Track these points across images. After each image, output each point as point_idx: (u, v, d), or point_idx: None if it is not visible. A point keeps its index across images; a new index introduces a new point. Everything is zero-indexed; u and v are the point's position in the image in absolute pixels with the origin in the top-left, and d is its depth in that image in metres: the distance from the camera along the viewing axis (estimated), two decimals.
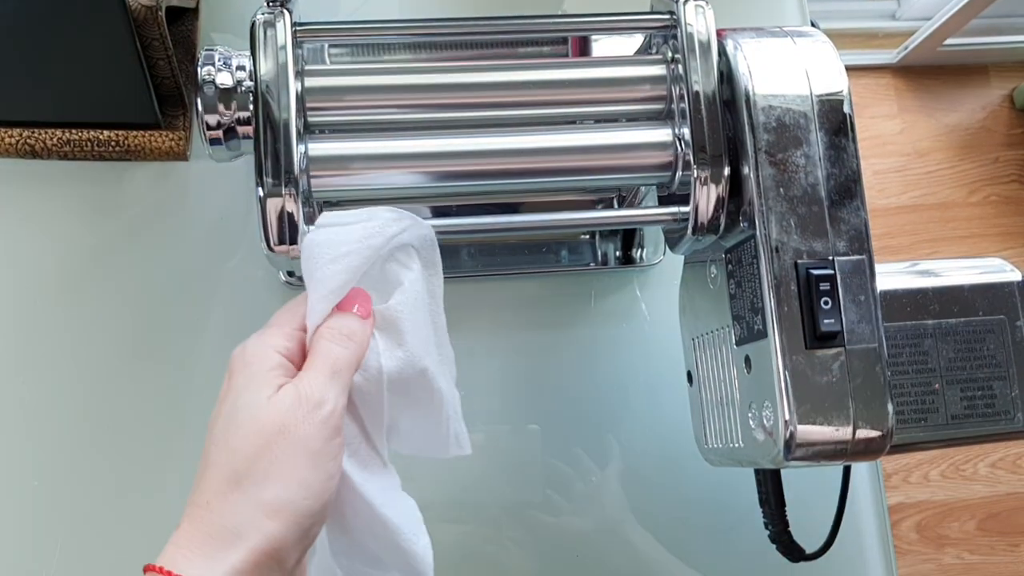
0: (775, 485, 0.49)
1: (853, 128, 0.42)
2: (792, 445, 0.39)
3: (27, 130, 0.55)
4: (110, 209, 0.57)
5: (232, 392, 0.36)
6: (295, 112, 0.40)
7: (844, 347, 0.40)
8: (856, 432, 0.39)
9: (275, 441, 0.34)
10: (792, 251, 0.40)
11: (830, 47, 0.43)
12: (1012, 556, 1.50)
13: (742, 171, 0.42)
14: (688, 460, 0.55)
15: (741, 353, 0.43)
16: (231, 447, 0.34)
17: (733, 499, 0.57)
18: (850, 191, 0.41)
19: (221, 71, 0.40)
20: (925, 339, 0.46)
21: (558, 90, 0.44)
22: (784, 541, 0.50)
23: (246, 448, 0.34)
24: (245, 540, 0.33)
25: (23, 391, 0.55)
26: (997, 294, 0.47)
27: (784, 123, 0.41)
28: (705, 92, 0.42)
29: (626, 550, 0.57)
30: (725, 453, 0.47)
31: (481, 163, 0.43)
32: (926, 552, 1.48)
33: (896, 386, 0.45)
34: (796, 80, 0.42)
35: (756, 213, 0.41)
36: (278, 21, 0.41)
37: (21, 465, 0.53)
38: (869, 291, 0.40)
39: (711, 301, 0.47)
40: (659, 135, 0.43)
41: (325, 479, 0.35)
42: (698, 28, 0.42)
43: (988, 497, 1.52)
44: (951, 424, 0.45)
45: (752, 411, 0.42)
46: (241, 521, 0.33)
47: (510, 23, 0.46)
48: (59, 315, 0.56)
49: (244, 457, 0.34)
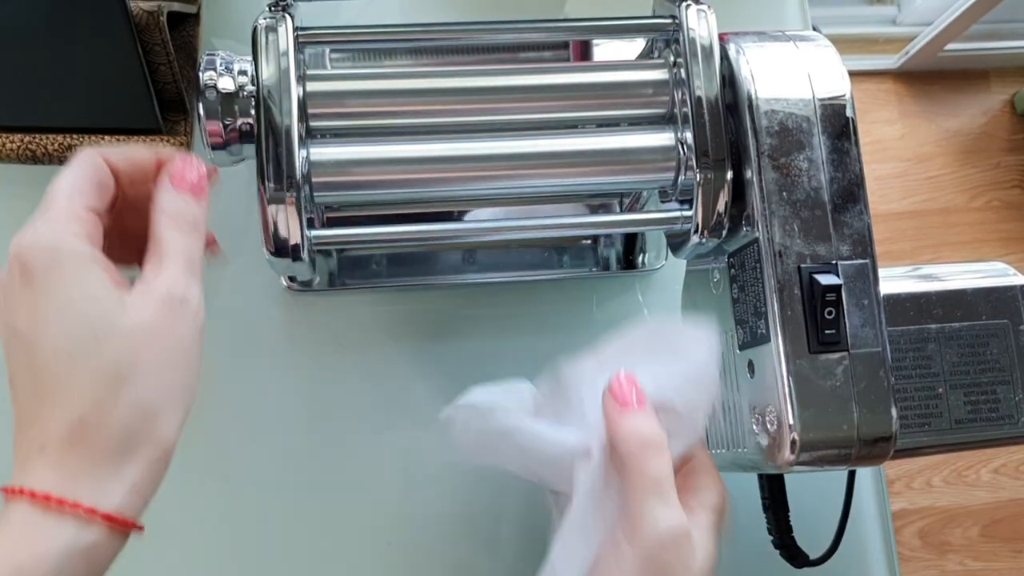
0: (778, 490, 0.49)
1: (856, 132, 0.42)
2: (796, 450, 0.39)
3: (28, 135, 0.55)
4: None
5: (49, 295, 0.31)
6: (297, 117, 0.40)
7: (848, 351, 0.40)
8: (860, 437, 0.39)
9: (149, 346, 0.32)
10: (795, 255, 0.40)
11: (832, 51, 0.43)
12: (1015, 562, 1.49)
13: (745, 175, 0.42)
14: None
15: (744, 358, 0.43)
16: (94, 360, 0.31)
17: (736, 504, 0.57)
18: (853, 195, 0.41)
19: (223, 76, 0.40)
20: (928, 343, 0.45)
21: (560, 94, 0.44)
22: (788, 547, 0.49)
23: (114, 358, 0.31)
24: (136, 452, 0.31)
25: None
26: (1000, 298, 0.47)
27: (787, 127, 0.41)
28: (708, 96, 0.42)
29: None
30: (728, 458, 0.47)
31: (483, 168, 0.43)
32: (929, 558, 1.48)
33: (899, 390, 0.45)
34: (799, 84, 0.42)
35: (759, 217, 0.41)
36: (280, 26, 0.41)
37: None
38: (872, 295, 0.40)
39: (714, 305, 0.46)
40: (661, 139, 0.43)
41: (197, 374, 0.34)
42: (700, 32, 0.42)
43: (991, 503, 1.52)
44: (955, 428, 0.45)
45: (755, 416, 0.42)
46: (129, 434, 0.31)
47: (511, 27, 0.46)
48: None
49: (114, 368, 0.31)
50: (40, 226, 0.33)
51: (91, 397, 0.31)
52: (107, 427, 0.31)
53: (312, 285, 0.56)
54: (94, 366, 0.31)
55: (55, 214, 0.33)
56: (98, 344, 0.31)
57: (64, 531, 0.29)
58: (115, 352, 0.31)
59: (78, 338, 0.31)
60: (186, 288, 0.34)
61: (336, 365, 0.57)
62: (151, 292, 0.33)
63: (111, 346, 0.31)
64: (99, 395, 0.31)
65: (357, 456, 0.56)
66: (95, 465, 0.30)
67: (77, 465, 0.30)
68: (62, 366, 0.31)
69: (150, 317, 0.32)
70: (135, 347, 0.32)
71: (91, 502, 0.30)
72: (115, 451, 0.31)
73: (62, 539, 0.29)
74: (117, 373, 0.31)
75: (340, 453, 0.56)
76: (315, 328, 0.57)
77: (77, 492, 0.30)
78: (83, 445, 0.30)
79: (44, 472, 0.30)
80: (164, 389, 0.32)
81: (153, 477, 0.32)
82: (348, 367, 0.57)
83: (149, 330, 0.32)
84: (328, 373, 0.57)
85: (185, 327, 0.33)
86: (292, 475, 0.56)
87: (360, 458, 0.56)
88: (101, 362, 0.31)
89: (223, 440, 0.55)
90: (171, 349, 0.33)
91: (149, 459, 0.32)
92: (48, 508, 0.29)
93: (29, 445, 0.31)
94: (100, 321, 0.31)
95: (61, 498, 0.29)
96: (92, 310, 0.32)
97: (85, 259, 0.33)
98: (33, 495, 0.29)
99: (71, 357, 0.31)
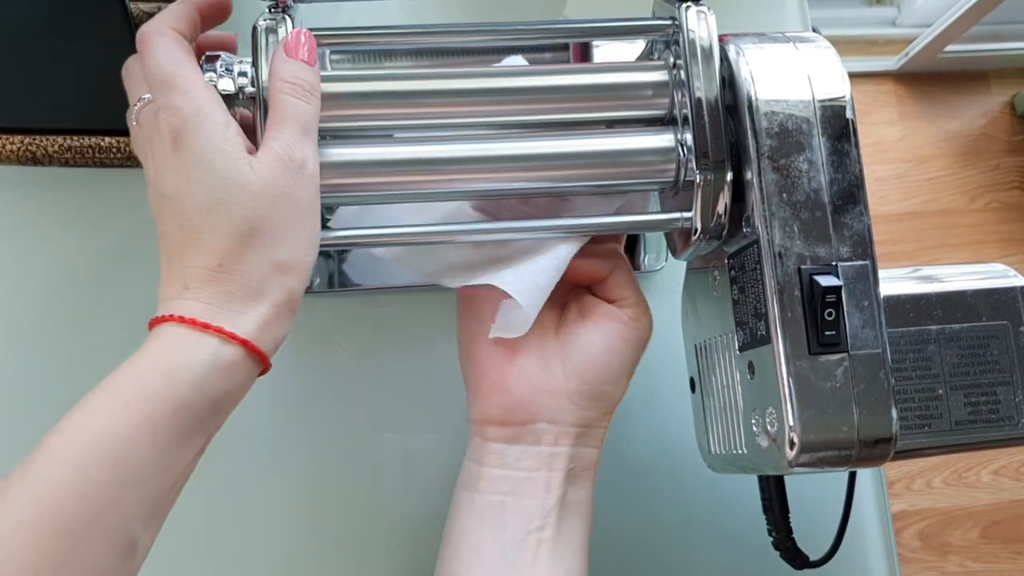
0: (779, 492, 0.49)
1: (856, 133, 0.42)
2: (796, 451, 0.39)
3: (28, 137, 0.55)
4: (112, 216, 0.57)
5: (187, 157, 0.36)
6: None
7: (848, 353, 0.39)
8: (860, 438, 0.39)
9: (276, 204, 0.36)
10: (795, 256, 0.40)
11: (832, 52, 0.43)
12: (1015, 564, 1.49)
13: (745, 176, 0.42)
14: (691, 467, 0.55)
15: (744, 359, 0.43)
16: (229, 214, 0.36)
17: (736, 506, 0.57)
18: (853, 196, 0.41)
19: (223, 77, 0.40)
20: (928, 345, 0.45)
21: (559, 96, 0.44)
22: (788, 548, 0.49)
23: (246, 214, 0.36)
24: (267, 295, 0.36)
25: (24, 397, 0.55)
26: (1000, 299, 0.47)
27: (787, 128, 0.41)
28: (707, 97, 0.42)
29: (628, 557, 0.57)
30: (728, 460, 0.47)
31: (483, 169, 0.43)
32: (929, 560, 1.48)
33: (900, 392, 0.44)
34: (798, 85, 0.42)
35: (759, 218, 0.41)
36: (280, 27, 0.41)
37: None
38: (873, 296, 0.40)
39: (714, 307, 0.46)
40: (661, 141, 0.43)
41: (318, 231, 0.38)
42: (700, 33, 0.42)
43: (991, 505, 1.52)
44: (955, 430, 0.45)
45: (755, 417, 0.42)
46: (260, 279, 0.36)
47: (512, 29, 0.46)
48: (60, 322, 0.56)
49: (247, 222, 0.36)
50: (178, 99, 0.37)
51: (226, 247, 0.36)
52: (240, 273, 0.36)
53: (312, 287, 0.56)
54: (227, 221, 0.36)
55: (188, 85, 0.37)
56: (231, 200, 0.36)
57: (208, 346, 0.34)
58: (244, 208, 0.36)
59: (215, 195, 0.36)
60: (303, 151, 0.38)
61: (335, 366, 0.57)
62: (270, 155, 0.37)
63: (241, 203, 0.36)
64: (232, 245, 0.36)
65: (357, 458, 0.56)
66: (230, 302, 0.35)
67: (216, 301, 0.35)
68: (204, 220, 0.36)
69: (271, 177, 0.36)
70: (261, 204, 0.36)
71: (230, 328, 0.35)
72: (247, 293, 0.36)
73: (207, 352, 0.34)
74: (247, 227, 0.36)
75: (340, 455, 0.56)
76: (315, 329, 0.57)
77: (217, 320, 0.35)
78: (221, 284, 0.35)
79: (188, 304, 0.35)
80: (287, 242, 0.37)
81: (280, 319, 0.37)
82: (348, 368, 0.57)
83: (271, 189, 0.36)
84: (328, 374, 0.57)
85: (303, 188, 0.37)
86: (291, 476, 0.56)
87: (360, 460, 0.56)
88: (233, 218, 0.36)
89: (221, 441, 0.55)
90: (292, 207, 0.37)
91: (277, 302, 0.37)
92: (195, 327, 0.35)
93: (174, 286, 0.36)
94: (233, 180, 0.36)
95: (206, 322, 0.35)
96: (228, 171, 0.36)
97: (222, 124, 0.37)
98: (182, 319, 0.35)
99: (211, 212, 0.36)
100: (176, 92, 0.37)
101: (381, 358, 0.57)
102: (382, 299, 0.58)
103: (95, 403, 0.33)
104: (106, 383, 0.34)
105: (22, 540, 0.30)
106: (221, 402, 0.36)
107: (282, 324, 0.37)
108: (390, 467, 0.56)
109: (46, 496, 0.31)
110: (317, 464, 0.56)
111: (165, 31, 0.39)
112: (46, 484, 0.31)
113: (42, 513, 0.31)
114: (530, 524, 0.43)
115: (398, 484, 0.56)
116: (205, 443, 0.36)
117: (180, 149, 0.36)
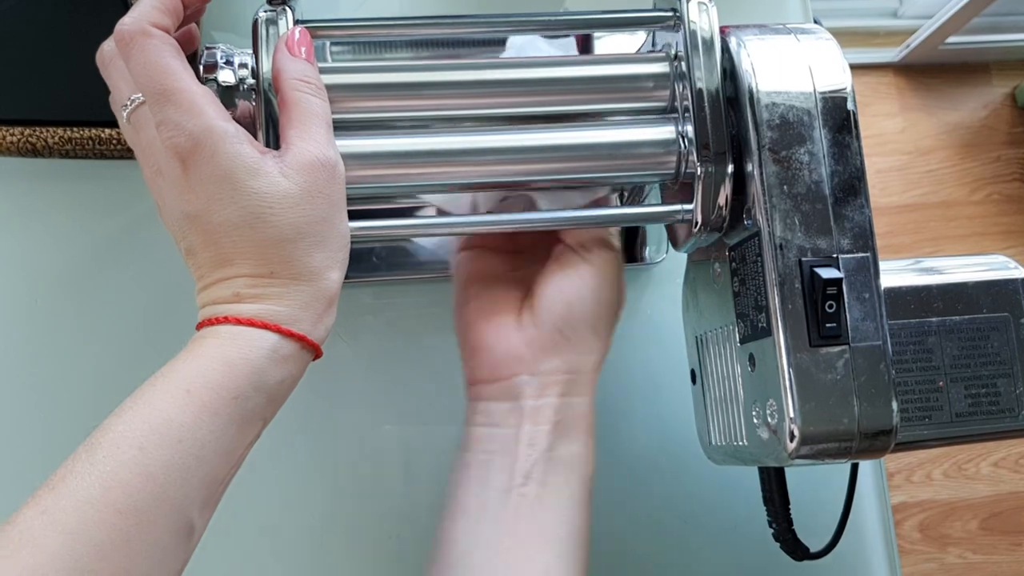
0: (779, 483, 0.49)
1: (857, 125, 0.41)
2: (796, 443, 0.39)
3: (28, 128, 0.55)
4: (112, 207, 0.57)
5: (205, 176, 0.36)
6: None
7: (848, 345, 0.40)
8: (861, 430, 0.39)
9: (315, 206, 0.37)
10: (796, 248, 0.40)
11: (833, 44, 0.43)
12: (1014, 555, 1.50)
13: (746, 168, 0.42)
14: (691, 459, 0.55)
15: (745, 351, 0.43)
16: (273, 225, 0.36)
17: (737, 497, 0.57)
18: (854, 188, 0.41)
19: (223, 69, 0.40)
20: (929, 336, 0.45)
21: (560, 88, 0.44)
22: (788, 540, 0.50)
23: (291, 221, 0.36)
24: (318, 292, 0.37)
25: (24, 390, 0.55)
26: (1001, 291, 0.47)
27: (788, 120, 0.41)
28: (708, 89, 0.42)
29: (628, 549, 0.57)
30: (729, 451, 0.47)
31: (484, 161, 0.43)
32: (929, 551, 1.48)
33: (900, 384, 0.45)
34: (799, 77, 0.42)
35: (760, 210, 0.41)
36: (280, 19, 0.41)
37: (22, 464, 0.53)
38: (873, 288, 0.40)
39: (715, 299, 0.46)
40: (662, 132, 0.43)
41: (347, 223, 0.39)
42: (701, 25, 0.42)
43: (991, 496, 1.52)
44: (955, 422, 0.45)
45: (756, 409, 0.42)
46: (310, 278, 0.37)
47: (513, 21, 0.46)
48: (61, 314, 0.56)
49: (292, 228, 0.36)
50: (180, 117, 0.36)
51: (274, 255, 0.36)
52: (291, 276, 0.37)
53: None
54: (273, 232, 0.36)
55: (188, 100, 0.36)
56: (271, 213, 0.36)
57: (267, 341, 0.36)
58: (288, 217, 0.36)
59: (253, 211, 0.36)
60: (333, 150, 0.38)
61: (337, 359, 0.57)
62: (303, 158, 0.37)
63: (283, 212, 0.36)
64: (280, 253, 0.36)
65: (360, 450, 0.56)
66: (287, 303, 0.37)
67: (272, 303, 0.36)
68: (238, 235, 0.36)
69: (308, 182, 0.37)
70: (303, 210, 0.37)
71: (287, 327, 0.36)
72: (301, 293, 0.37)
73: (266, 346, 0.36)
74: (292, 233, 0.36)
75: (343, 447, 0.56)
76: None
77: (275, 318, 0.36)
78: (274, 288, 0.36)
79: (244, 307, 0.36)
80: (328, 239, 0.38)
81: (330, 311, 0.38)
82: (349, 361, 0.57)
83: (309, 194, 0.37)
84: (330, 367, 0.57)
85: (336, 187, 0.38)
86: (295, 470, 0.56)
87: (363, 452, 0.56)
88: (279, 228, 0.36)
89: None
90: (328, 206, 0.38)
91: (326, 297, 0.38)
92: (253, 325, 0.36)
93: (221, 294, 0.37)
94: (270, 194, 0.36)
95: (264, 322, 0.36)
96: (262, 187, 0.36)
97: (232, 137, 0.36)
98: (239, 320, 0.36)
99: (251, 227, 0.36)
100: (175, 108, 0.36)
101: (383, 351, 0.57)
102: (383, 292, 0.58)
103: (156, 390, 0.34)
104: (163, 373, 0.35)
105: (91, 517, 0.31)
106: (276, 392, 0.37)
107: (331, 315, 0.39)
108: (393, 460, 0.56)
109: (113, 475, 0.32)
110: (320, 458, 0.56)
111: (150, 31, 0.37)
112: (113, 464, 0.32)
113: (109, 490, 0.32)
114: (513, 480, 0.43)
115: (402, 477, 0.56)
116: (260, 431, 0.37)
117: (197, 171, 0.36)
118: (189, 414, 0.34)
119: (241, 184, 0.36)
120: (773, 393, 0.40)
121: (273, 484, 0.55)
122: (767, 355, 0.40)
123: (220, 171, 0.36)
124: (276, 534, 0.55)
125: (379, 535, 0.55)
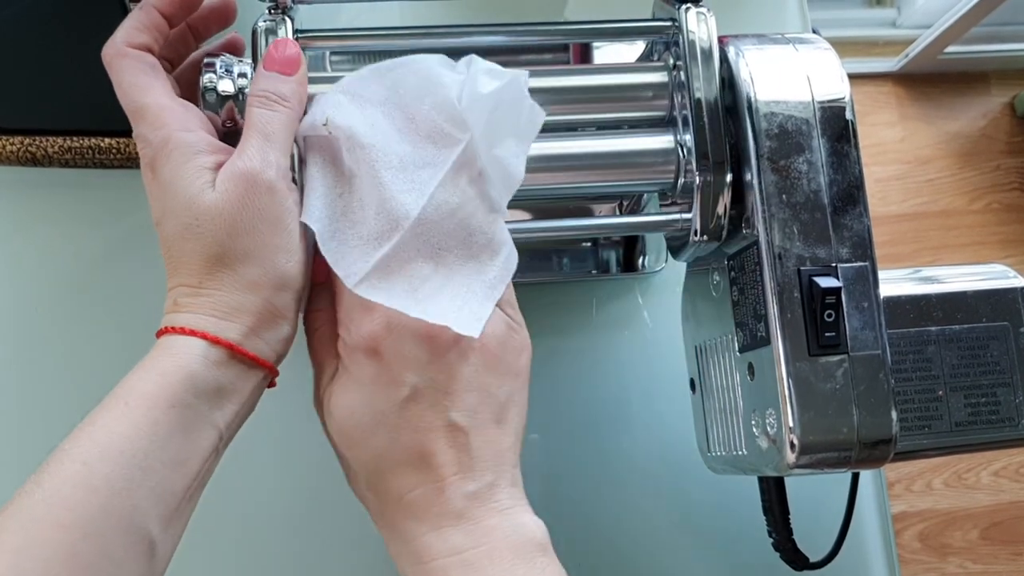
0: (779, 493, 0.49)
1: (855, 134, 0.42)
2: (796, 453, 0.39)
3: (28, 138, 0.55)
4: (111, 216, 0.57)
5: (160, 187, 0.37)
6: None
7: (848, 354, 0.39)
8: (860, 439, 0.39)
9: (239, 220, 0.37)
10: (795, 258, 0.40)
11: (832, 54, 0.43)
12: (1015, 565, 1.49)
13: (745, 177, 0.42)
14: (691, 468, 0.55)
15: (744, 360, 0.43)
16: (199, 238, 0.37)
17: (736, 507, 0.57)
18: (853, 197, 0.41)
19: (223, 78, 0.40)
20: (928, 346, 0.45)
21: (560, 97, 0.44)
22: (788, 549, 0.49)
23: (214, 235, 0.36)
24: (246, 306, 0.37)
25: (24, 397, 0.54)
26: (1000, 300, 0.47)
27: (786, 129, 0.41)
28: (707, 99, 0.42)
29: (628, 560, 0.57)
30: (728, 461, 0.47)
31: None
32: (929, 561, 1.48)
33: (900, 393, 0.44)
34: (798, 87, 0.42)
35: (759, 220, 0.41)
36: (280, 28, 0.41)
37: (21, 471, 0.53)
38: (872, 298, 0.40)
39: (714, 308, 0.46)
40: (661, 142, 0.43)
41: (294, 233, 0.38)
42: (700, 35, 0.42)
43: (991, 506, 1.52)
44: (955, 431, 0.45)
45: (755, 418, 0.42)
46: (236, 292, 0.37)
47: (512, 30, 0.46)
48: (61, 322, 0.56)
49: (215, 243, 0.37)
50: (145, 130, 0.38)
51: (201, 268, 0.37)
52: (217, 288, 0.37)
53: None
54: (199, 245, 0.37)
55: (153, 114, 0.38)
56: (198, 225, 0.36)
57: (197, 347, 0.36)
58: (211, 230, 0.36)
59: (184, 221, 0.37)
60: (260, 160, 0.37)
61: None
62: (230, 170, 0.37)
63: (207, 225, 0.36)
64: (206, 266, 0.37)
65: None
66: (214, 314, 0.37)
67: (203, 312, 0.37)
68: (180, 245, 0.37)
69: (231, 195, 0.37)
70: (224, 224, 0.36)
71: (214, 333, 0.36)
72: (228, 305, 0.37)
73: (197, 352, 0.36)
74: (216, 249, 0.37)
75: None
76: None
77: (202, 326, 0.36)
78: (203, 298, 0.37)
79: (182, 317, 0.37)
80: (257, 255, 0.37)
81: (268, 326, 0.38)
82: None
83: (232, 207, 0.36)
84: None
85: (261, 198, 0.37)
86: (297, 470, 0.56)
87: None
88: (204, 241, 0.37)
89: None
90: (256, 219, 0.37)
91: (257, 312, 0.37)
92: (183, 333, 0.36)
93: (169, 302, 0.38)
94: (197, 205, 0.36)
95: (192, 329, 0.36)
96: (192, 197, 0.37)
97: (190, 150, 0.37)
98: (173, 329, 0.36)
99: (182, 238, 0.37)
100: (143, 122, 0.38)
101: None
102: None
103: (101, 406, 0.35)
104: (114, 390, 0.36)
105: (36, 534, 0.32)
106: (216, 398, 0.36)
107: (272, 329, 0.38)
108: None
109: (56, 491, 0.32)
110: (321, 458, 0.56)
111: (124, 52, 0.39)
112: (56, 481, 0.33)
113: (53, 507, 0.32)
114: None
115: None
116: (216, 442, 0.37)
117: (156, 179, 0.38)
118: (128, 425, 0.34)
119: (180, 195, 0.37)
120: (772, 402, 0.40)
121: (275, 487, 0.55)
122: (766, 364, 0.40)
123: (166, 182, 0.37)
124: (279, 534, 0.55)
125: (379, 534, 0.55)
